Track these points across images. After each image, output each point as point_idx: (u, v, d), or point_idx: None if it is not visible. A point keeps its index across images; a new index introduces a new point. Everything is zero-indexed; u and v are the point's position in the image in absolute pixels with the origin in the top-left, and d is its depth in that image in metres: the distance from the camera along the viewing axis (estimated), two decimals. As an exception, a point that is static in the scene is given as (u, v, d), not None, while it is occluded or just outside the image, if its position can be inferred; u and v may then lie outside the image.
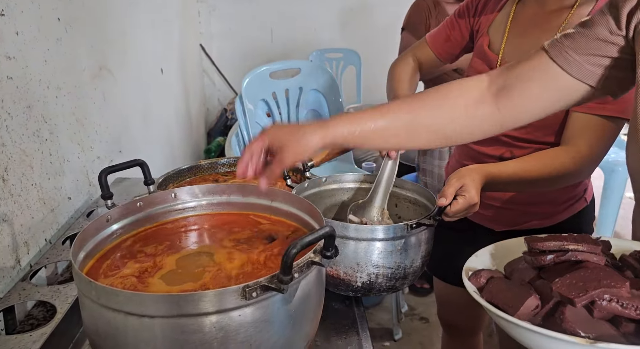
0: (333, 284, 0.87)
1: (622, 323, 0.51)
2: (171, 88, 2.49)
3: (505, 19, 1.04)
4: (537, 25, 0.99)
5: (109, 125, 1.45)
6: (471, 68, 1.09)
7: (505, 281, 0.61)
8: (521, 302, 0.55)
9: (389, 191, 0.98)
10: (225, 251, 0.74)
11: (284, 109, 1.94)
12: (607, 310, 0.51)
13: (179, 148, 2.60)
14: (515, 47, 1.00)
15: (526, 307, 0.55)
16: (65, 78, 1.16)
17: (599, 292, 0.51)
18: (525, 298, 0.55)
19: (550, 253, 0.60)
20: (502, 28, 1.04)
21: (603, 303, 0.51)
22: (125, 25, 1.70)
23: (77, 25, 1.24)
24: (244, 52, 3.63)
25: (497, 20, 1.07)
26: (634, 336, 0.51)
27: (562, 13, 0.95)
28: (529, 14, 1.01)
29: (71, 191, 1.16)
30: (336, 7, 3.65)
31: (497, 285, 0.60)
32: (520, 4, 1.03)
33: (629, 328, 0.51)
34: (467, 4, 1.13)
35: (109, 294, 0.55)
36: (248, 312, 0.56)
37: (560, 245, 0.60)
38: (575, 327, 0.51)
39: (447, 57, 1.19)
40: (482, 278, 0.63)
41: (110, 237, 0.74)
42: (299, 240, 0.55)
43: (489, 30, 1.07)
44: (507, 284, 0.60)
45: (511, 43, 1.01)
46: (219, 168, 1.23)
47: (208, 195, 0.85)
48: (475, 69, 1.07)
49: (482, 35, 1.08)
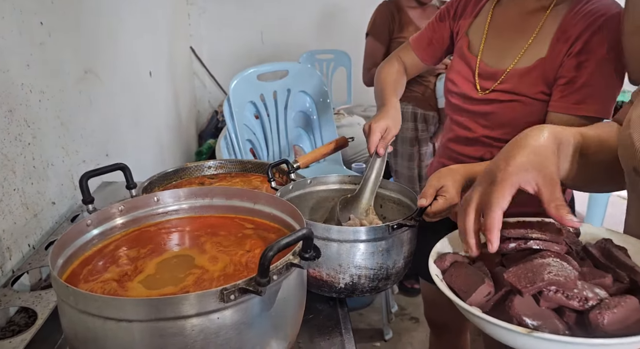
0: (316, 285, 0.88)
1: (565, 313, 0.53)
2: (160, 91, 2.49)
3: (483, 21, 1.06)
4: (514, 27, 1.01)
5: (95, 129, 1.44)
6: (452, 69, 1.11)
7: (465, 266, 0.63)
8: (474, 288, 0.57)
9: (376, 187, 1.00)
10: (207, 255, 0.74)
11: (272, 111, 1.94)
12: (553, 300, 0.53)
13: (169, 151, 2.59)
14: (493, 48, 1.02)
15: (478, 293, 0.57)
16: (49, 82, 1.15)
17: (546, 283, 0.53)
18: (478, 284, 0.57)
19: (514, 241, 0.61)
20: (480, 30, 1.06)
21: (549, 294, 0.53)
22: (112, 28, 1.69)
23: (62, 29, 1.23)
24: (234, 54, 3.63)
25: (475, 22, 1.09)
26: (575, 325, 0.53)
27: (538, 14, 0.96)
28: (506, 16, 1.03)
29: (55, 195, 1.16)
30: (326, 8, 3.66)
31: (457, 270, 0.62)
32: (497, 6, 1.06)
33: (571, 318, 0.53)
34: (447, 7, 1.16)
35: (87, 300, 0.55)
36: (227, 314, 0.57)
37: (524, 232, 0.61)
38: (521, 315, 0.52)
39: (431, 60, 1.21)
40: (446, 262, 0.65)
41: (91, 242, 0.73)
42: (275, 242, 0.55)
43: (468, 32, 1.09)
44: (466, 269, 0.62)
45: (489, 44, 1.03)
46: (205, 170, 1.23)
47: (191, 198, 0.85)
48: (455, 70, 1.09)
49: (461, 37, 1.10)
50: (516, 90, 0.99)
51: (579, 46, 0.92)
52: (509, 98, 1.01)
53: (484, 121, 1.06)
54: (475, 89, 1.05)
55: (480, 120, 1.07)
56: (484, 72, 1.04)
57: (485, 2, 1.09)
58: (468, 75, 1.07)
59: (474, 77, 1.05)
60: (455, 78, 1.10)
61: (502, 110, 1.02)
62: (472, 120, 1.08)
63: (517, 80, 0.99)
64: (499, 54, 1.03)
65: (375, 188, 1.00)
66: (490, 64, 1.04)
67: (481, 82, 1.05)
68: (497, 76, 1.02)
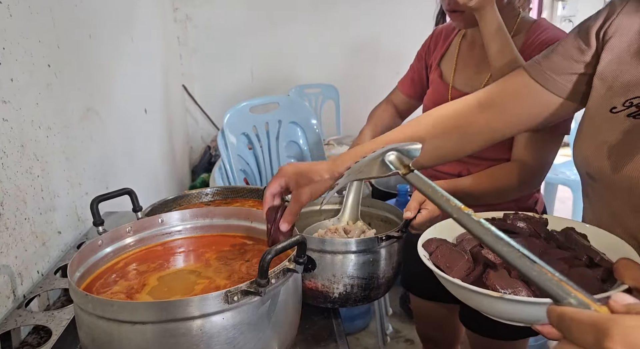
0: (312, 296, 0.94)
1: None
2: (155, 128, 2.58)
3: (453, 53, 1.20)
4: (479, 57, 1.14)
5: (95, 163, 1.52)
6: (427, 96, 1.23)
7: (450, 248, 0.72)
8: (456, 264, 0.68)
9: (358, 205, 1.07)
10: (213, 267, 0.81)
11: (265, 142, 2.03)
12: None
13: (165, 185, 2.66)
14: (463, 76, 1.15)
15: (460, 268, 0.68)
16: (55, 119, 1.23)
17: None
18: (460, 260, 0.68)
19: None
20: (451, 61, 1.20)
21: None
22: (111, 70, 1.80)
23: (66, 70, 1.33)
24: (226, 91, 3.76)
25: (446, 55, 1.23)
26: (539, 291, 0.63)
27: None
28: (471, 48, 1.17)
29: (61, 225, 1.22)
30: (313, 44, 3.83)
31: (442, 251, 0.71)
32: (463, 39, 1.20)
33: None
34: (422, 47, 1.32)
35: (104, 305, 0.61)
36: (229, 315, 0.63)
37: (502, 224, 0.72)
38: (496, 284, 0.62)
39: (415, 95, 1.36)
40: (432, 245, 0.74)
41: (103, 260, 0.80)
42: (273, 247, 0.62)
43: (440, 64, 1.23)
44: (450, 250, 0.71)
45: (459, 72, 1.16)
46: (203, 197, 1.30)
47: (193, 219, 0.92)
48: (430, 96, 1.21)
49: (434, 69, 1.24)
50: None
51: None
52: None
53: None
54: None
55: None
56: (456, 96, 1.14)
57: (454, 37, 1.23)
58: (442, 99, 1.18)
59: (447, 101, 1.16)
60: (430, 103, 1.22)
61: None
62: None
63: None
64: (468, 81, 1.16)
65: (355, 203, 1.08)
66: (462, 89, 1.16)
67: None
68: None
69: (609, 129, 0.70)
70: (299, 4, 3.72)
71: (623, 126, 0.69)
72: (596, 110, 0.74)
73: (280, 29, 3.74)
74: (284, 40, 3.77)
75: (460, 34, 1.22)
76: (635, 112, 0.68)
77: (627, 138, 0.68)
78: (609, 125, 0.71)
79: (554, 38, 1.03)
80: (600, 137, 0.72)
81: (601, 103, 0.73)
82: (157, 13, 2.91)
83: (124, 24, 2.06)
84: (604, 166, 0.70)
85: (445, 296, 1.30)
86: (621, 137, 0.68)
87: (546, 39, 1.04)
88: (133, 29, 2.16)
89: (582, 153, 0.74)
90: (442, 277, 0.65)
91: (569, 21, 4.20)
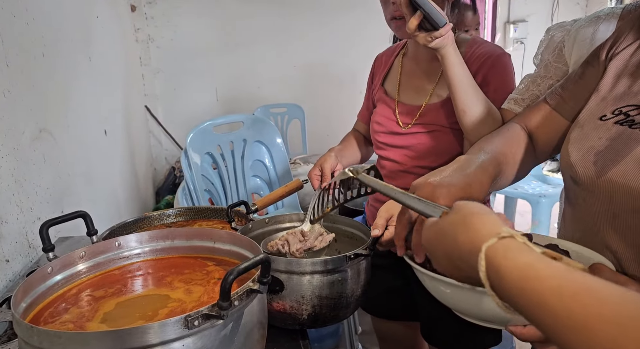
0: (280, 319, 0.90)
1: None
2: (116, 149, 2.50)
3: (396, 70, 1.26)
4: (421, 72, 1.21)
5: (49, 186, 1.44)
6: (375, 114, 1.30)
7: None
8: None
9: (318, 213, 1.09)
10: (177, 291, 0.76)
11: (230, 161, 2.00)
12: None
13: (126, 209, 2.56)
14: (408, 90, 1.22)
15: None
16: (3, 141, 1.17)
17: None
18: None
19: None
20: (395, 78, 1.26)
21: None
22: (67, 89, 1.73)
23: (16, 90, 1.27)
24: (190, 112, 3.70)
25: (390, 73, 1.29)
26: None
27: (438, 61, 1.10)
28: (414, 64, 1.23)
29: (9, 253, 1.14)
30: (278, 65, 3.84)
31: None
32: (405, 57, 1.26)
33: None
34: (369, 75, 1.37)
35: (51, 337, 0.56)
36: (190, 341, 0.59)
37: None
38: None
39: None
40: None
41: (54, 288, 0.74)
42: (236, 267, 0.59)
43: (384, 84, 1.29)
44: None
45: (404, 87, 1.23)
46: (165, 219, 1.25)
47: (152, 241, 0.87)
48: (378, 113, 1.26)
49: (379, 89, 1.29)
50: (433, 121, 1.15)
51: (479, 80, 1.09)
52: (429, 129, 1.16)
53: (411, 152, 1.19)
54: (398, 125, 1.21)
55: (407, 152, 1.20)
56: (403, 109, 1.21)
57: (396, 56, 1.29)
58: (390, 114, 1.22)
59: (395, 115, 1.22)
60: (379, 119, 1.25)
61: (425, 140, 1.16)
62: (400, 153, 1.21)
63: (433, 114, 1.15)
64: (413, 95, 1.21)
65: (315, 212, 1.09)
66: (407, 102, 1.21)
67: (402, 118, 1.20)
68: (414, 112, 1.18)
69: (597, 136, 0.74)
70: (262, 26, 3.74)
71: (610, 133, 0.72)
72: (586, 119, 0.78)
73: (244, 49, 3.74)
74: (248, 60, 3.77)
75: (401, 53, 1.28)
76: (623, 120, 0.71)
77: (613, 145, 0.71)
78: (596, 132, 0.74)
79: (491, 52, 1.12)
80: (587, 143, 0.75)
81: (592, 113, 0.77)
82: (117, 32, 2.85)
83: (81, 43, 2.00)
84: (589, 171, 0.73)
85: (405, 314, 1.31)
86: (607, 144, 0.72)
87: (484, 52, 1.12)
88: (91, 48, 2.10)
89: (568, 159, 0.77)
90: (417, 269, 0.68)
91: (521, 43, 4.37)
